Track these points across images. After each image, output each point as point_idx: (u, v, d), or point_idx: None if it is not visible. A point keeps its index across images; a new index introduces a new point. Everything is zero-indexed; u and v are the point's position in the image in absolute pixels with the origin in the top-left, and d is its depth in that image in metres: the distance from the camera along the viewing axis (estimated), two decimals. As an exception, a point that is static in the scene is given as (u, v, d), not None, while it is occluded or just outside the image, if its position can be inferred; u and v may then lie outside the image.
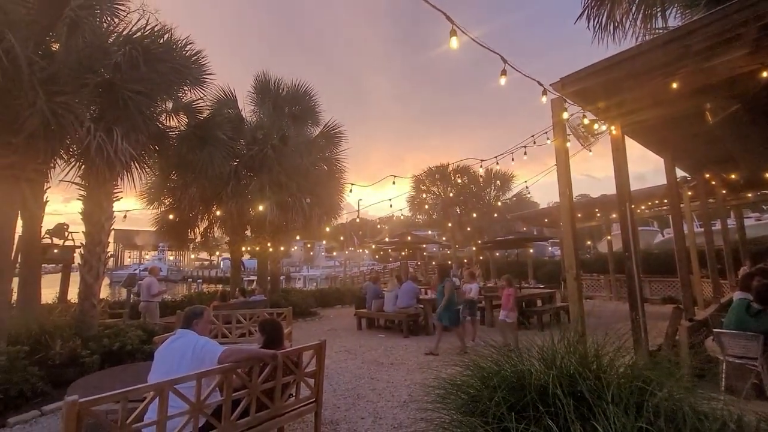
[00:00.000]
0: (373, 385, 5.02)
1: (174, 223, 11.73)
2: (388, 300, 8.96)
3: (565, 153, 4.91)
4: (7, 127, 5.38)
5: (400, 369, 5.76)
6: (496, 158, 6.96)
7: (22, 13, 5.75)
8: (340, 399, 4.51)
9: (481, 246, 16.45)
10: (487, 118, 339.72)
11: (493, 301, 9.59)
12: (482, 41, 3.70)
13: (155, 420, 2.36)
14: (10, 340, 5.07)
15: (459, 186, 21.46)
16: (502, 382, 2.39)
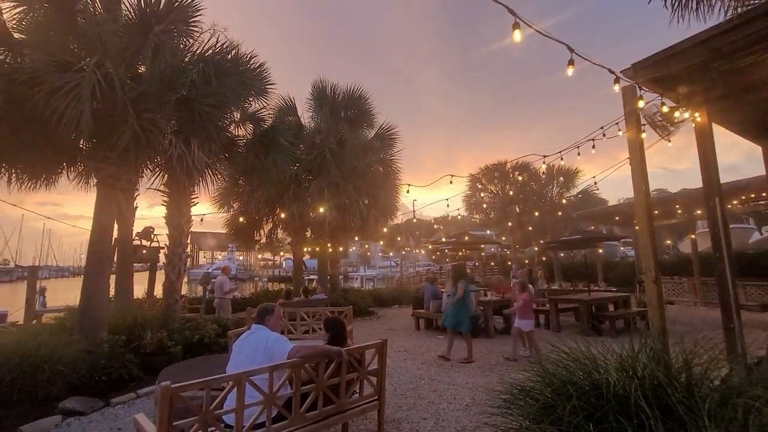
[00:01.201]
0: (434, 386, 4.98)
1: (242, 225, 12.59)
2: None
3: (640, 145, 4.53)
4: (106, 142, 6.11)
5: (461, 371, 5.66)
6: (560, 153, 6.59)
7: (115, 42, 6.51)
8: (401, 399, 4.54)
9: (544, 246, 15.65)
10: (545, 113, 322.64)
11: (558, 305, 9.09)
12: (545, 33, 3.52)
13: (234, 408, 2.55)
14: (110, 330, 5.76)
15: (518, 184, 20.56)
16: (575, 389, 2.26)
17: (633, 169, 4.50)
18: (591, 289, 10.35)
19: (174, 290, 7.10)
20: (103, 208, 6.20)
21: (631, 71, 4.44)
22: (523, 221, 20.83)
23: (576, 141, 6.62)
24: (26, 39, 6.01)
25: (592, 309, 8.67)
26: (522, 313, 6.21)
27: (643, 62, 4.31)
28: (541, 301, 10.65)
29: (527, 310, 6.21)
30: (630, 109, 4.56)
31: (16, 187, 6.56)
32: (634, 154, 4.51)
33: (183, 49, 7.67)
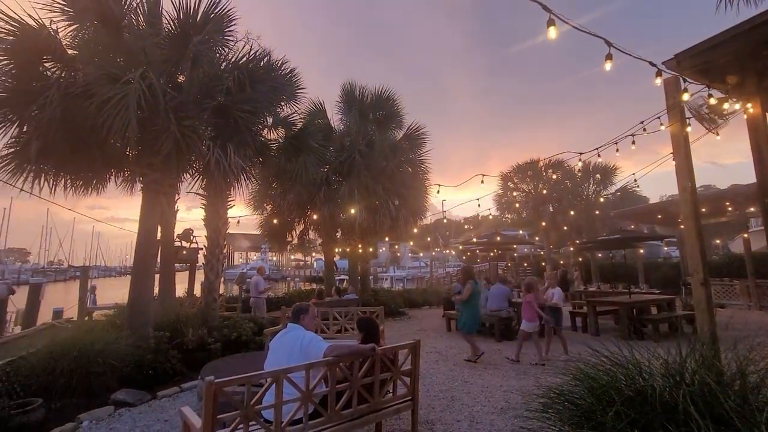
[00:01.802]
0: (467, 388, 4.93)
1: (275, 226, 12.94)
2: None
3: (684, 139, 4.29)
4: (150, 149, 6.46)
5: (495, 374, 5.57)
6: (597, 150, 6.35)
7: (157, 54, 6.87)
8: (434, 400, 4.53)
9: (580, 246, 15.10)
10: (578, 110, 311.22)
11: (597, 308, 8.75)
12: (582, 28, 3.41)
13: (272, 403, 2.64)
14: (155, 327, 6.07)
15: (552, 182, 19.90)
16: (617, 395, 2.18)
17: (677, 165, 4.27)
18: (632, 291, 9.89)
19: (213, 289, 7.40)
20: (148, 212, 6.55)
21: (674, 62, 4.23)
22: (558, 221, 20.17)
23: (614, 137, 6.38)
24: (78, 55, 6.44)
25: (633, 312, 8.28)
26: (526, 314, 6.24)
27: (687, 52, 4.10)
28: (577, 303, 10.29)
29: (530, 311, 6.21)
30: (673, 102, 4.33)
31: (70, 192, 7.06)
32: (678, 148, 4.28)
33: (219, 58, 7.98)
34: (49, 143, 5.81)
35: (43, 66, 6.16)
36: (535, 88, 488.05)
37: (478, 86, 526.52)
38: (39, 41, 5.90)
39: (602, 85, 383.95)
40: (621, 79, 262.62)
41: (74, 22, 6.43)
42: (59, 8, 6.21)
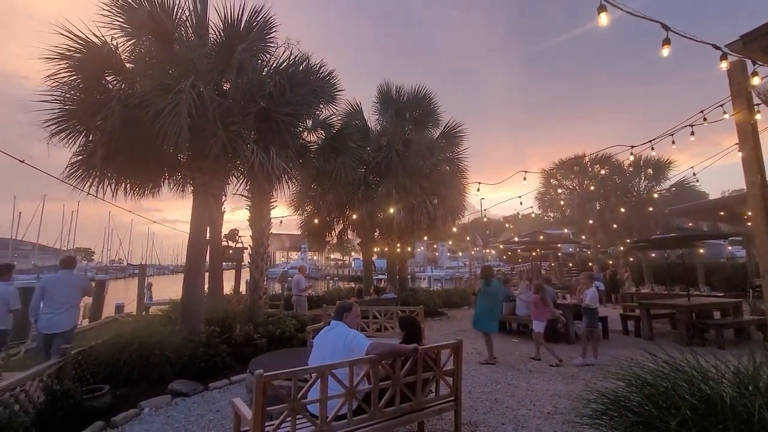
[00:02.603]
0: (511, 391, 4.80)
1: (314, 226, 13.25)
2: (519, 303, 8.46)
3: (753, 129, 3.94)
4: (199, 154, 6.83)
5: (540, 377, 5.38)
6: (650, 142, 5.96)
7: (205, 64, 7.25)
8: (476, 401, 4.45)
9: (631, 246, 14.24)
10: (625, 102, 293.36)
11: (651, 311, 8.22)
12: (637, 12, 3.21)
13: (318, 398, 2.71)
14: (206, 322, 6.41)
15: (599, 178, 18.87)
16: (680, 402, 2.04)
17: (744, 157, 3.93)
18: (691, 294, 9.19)
19: (258, 287, 7.70)
20: (198, 213, 6.93)
21: (740, 44, 3.88)
22: (606, 219, 19.12)
23: (668, 129, 5.96)
24: (135, 68, 6.92)
25: (692, 316, 7.69)
26: (535, 314, 6.50)
27: (756, 32, 3.74)
28: (629, 305, 9.73)
29: (539, 311, 6.44)
30: (738, 88, 3.98)
31: (129, 195, 7.60)
32: (745, 139, 3.93)
33: (261, 65, 8.30)
34: (111, 151, 6.29)
35: (105, 79, 6.67)
36: (578, 80, 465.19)
37: (515, 80, 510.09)
38: (101, 57, 6.41)
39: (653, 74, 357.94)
40: (676, 67, 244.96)
41: (132, 38, 6.91)
42: (119, 26, 6.69)
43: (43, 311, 5.10)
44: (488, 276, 6.63)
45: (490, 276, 6.67)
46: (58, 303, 5.10)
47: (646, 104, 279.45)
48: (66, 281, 5.34)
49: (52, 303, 5.10)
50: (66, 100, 6.25)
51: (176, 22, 7.00)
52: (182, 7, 7.08)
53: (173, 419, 4.09)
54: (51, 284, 5.28)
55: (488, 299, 6.40)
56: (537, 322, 6.42)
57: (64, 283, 5.30)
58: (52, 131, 6.10)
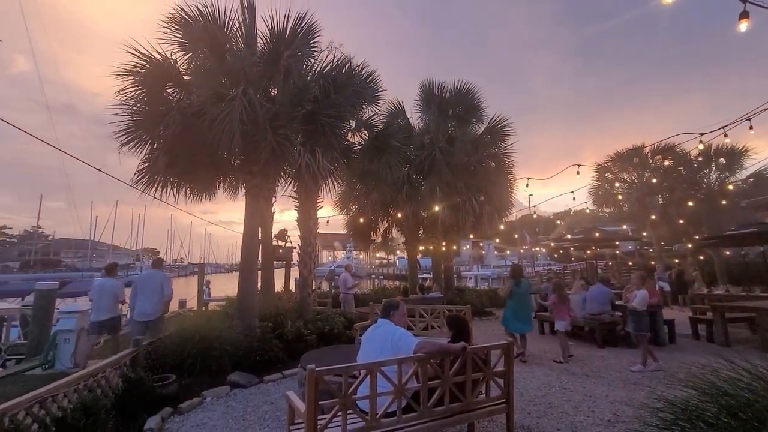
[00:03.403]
0: (567, 396, 4.57)
1: (359, 226, 13.45)
2: (574, 304, 8.03)
3: None
4: (250, 158, 7.17)
5: (599, 382, 5.07)
6: (723, 129, 5.42)
7: (254, 72, 7.59)
8: (529, 405, 4.28)
9: (701, 242, 13.02)
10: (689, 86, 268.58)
11: (726, 314, 7.48)
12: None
13: (367, 394, 2.74)
14: (260, 318, 6.72)
15: (662, 170, 17.38)
16: (766, 415, 1.83)
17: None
18: None
19: (306, 285, 7.95)
20: (250, 215, 7.27)
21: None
22: (670, 213, 17.63)
23: (746, 113, 5.38)
24: (192, 79, 7.39)
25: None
26: (557, 314, 6.59)
27: None
28: (700, 308, 8.92)
29: (560, 310, 6.54)
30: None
31: (189, 198, 8.14)
32: None
33: (306, 69, 8.55)
34: (173, 158, 6.78)
35: (166, 92, 7.20)
36: (633, 66, 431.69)
37: (565, 70, 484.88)
38: (163, 71, 6.92)
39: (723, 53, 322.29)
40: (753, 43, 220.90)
41: (188, 51, 7.38)
42: (176, 40, 7.18)
43: (137, 303, 6.26)
44: (518, 276, 6.64)
45: (519, 276, 6.67)
46: (147, 296, 6.25)
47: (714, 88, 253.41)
48: (153, 278, 6.44)
49: (143, 296, 6.26)
50: (133, 113, 6.82)
51: (228, 34, 7.39)
52: (233, 20, 7.46)
53: (232, 409, 4.33)
54: (142, 280, 6.53)
55: (518, 299, 6.41)
56: (559, 322, 6.45)
57: (152, 279, 6.43)
58: (122, 141, 6.68)
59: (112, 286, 6.42)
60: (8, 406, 2.88)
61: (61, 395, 3.43)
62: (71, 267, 37.44)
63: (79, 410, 3.28)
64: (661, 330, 7.33)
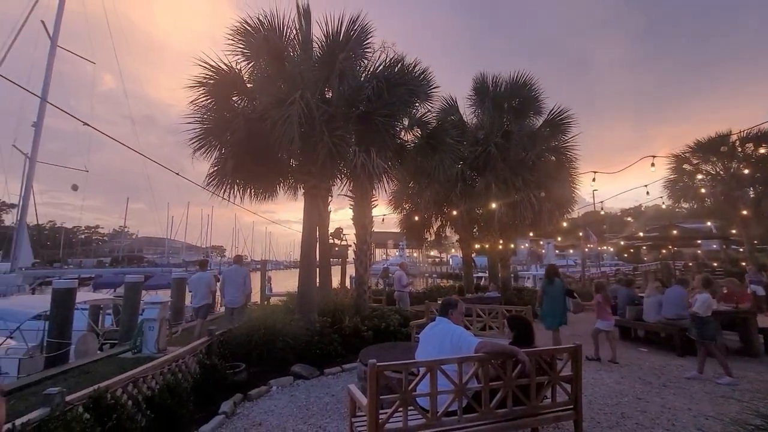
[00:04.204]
0: (642, 406, 4.22)
1: (413, 224, 13.44)
2: (648, 307, 7.41)
3: None
4: (308, 159, 7.46)
5: (680, 394, 4.63)
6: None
7: (311, 76, 7.88)
8: (598, 414, 4.02)
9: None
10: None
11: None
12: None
13: (428, 392, 2.74)
14: (319, 313, 6.98)
15: (754, 159, 15.35)
16: None
17: None
18: None
19: (362, 282, 8.11)
20: (309, 214, 7.57)
21: None
22: (763, 208, 15.56)
23: None
24: (253, 86, 7.84)
25: None
26: (599, 314, 6.51)
27: None
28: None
29: (603, 310, 6.48)
30: None
31: (253, 199, 8.64)
32: None
33: (359, 71, 8.70)
34: (239, 161, 7.24)
35: (232, 99, 7.71)
36: (712, 46, 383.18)
37: (632, 53, 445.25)
38: (229, 80, 7.42)
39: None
40: None
41: (250, 60, 7.84)
42: (240, 51, 7.65)
43: (226, 292, 7.53)
44: (552, 275, 6.93)
45: (554, 275, 6.95)
46: (234, 287, 7.46)
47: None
48: (237, 272, 7.76)
49: (230, 287, 7.48)
50: (204, 121, 7.38)
51: (285, 41, 7.75)
52: (290, 27, 7.81)
53: (296, 398, 4.55)
54: (228, 274, 7.81)
55: (552, 297, 6.71)
56: (601, 322, 6.44)
57: (236, 273, 7.72)
58: (194, 147, 7.27)
59: (207, 279, 7.65)
60: (109, 383, 3.27)
61: (149, 377, 3.82)
62: (152, 263, 41.50)
63: (165, 391, 3.63)
64: (756, 339, 6.52)
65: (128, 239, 63.89)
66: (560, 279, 7.04)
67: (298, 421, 3.95)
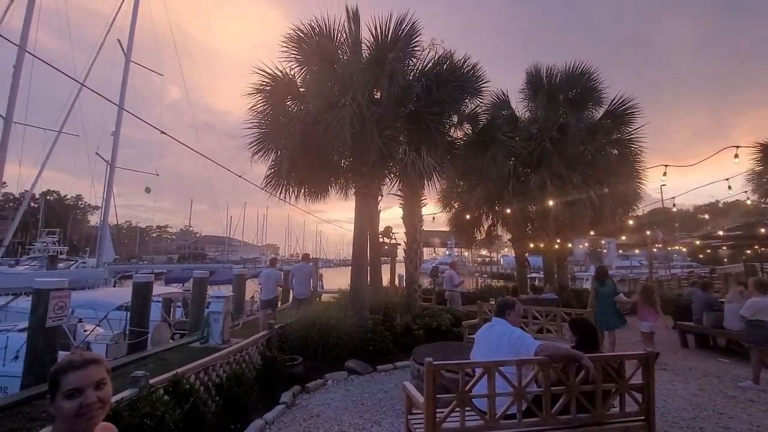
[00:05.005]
0: (725, 422, 3.84)
1: (462, 223, 13.20)
2: (730, 314, 6.68)
3: None
4: (360, 159, 7.60)
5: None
6: None
7: (361, 77, 8.01)
8: (673, 427, 3.71)
9: None
10: None
11: None
12: None
13: (485, 393, 2.69)
14: (370, 311, 7.09)
15: None
16: None
17: None
18: None
19: (413, 280, 8.13)
20: (360, 213, 7.71)
21: None
22: None
23: None
24: (306, 90, 8.11)
25: None
26: (640, 315, 6.49)
27: None
28: None
29: (643, 311, 6.42)
30: None
31: (306, 199, 8.96)
32: None
33: (408, 70, 8.70)
34: (293, 163, 7.54)
35: (286, 104, 8.05)
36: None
37: (703, 34, 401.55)
38: (284, 86, 7.76)
39: None
40: None
41: (303, 66, 8.12)
42: (294, 57, 7.96)
43: (295, 286, 8.48)
44: (603, 276, 6.98)
45: (604, 276, 6.99)
46: (301, 281, 8.37)
47: None
48: (303, 269, 8.62)
49: (298, 281, 8.39)
50: (261, 125, 7.78)
51: (336, 44, 7.94)
52: (340, 31, 7.98)
53: (351, 393, 4.67)
54: (296, 270, 8.69)
55: (603, 299, 6.66)
56: (643, 323, 6.40)
57: (303, 269, 8.59)
58: (253, 151, 7.69)
59: (275, 274, 8.48)
60: (185, 370, 3.57)
61: (218, 365, 4.12)
62: (214, 260, 44.53)
63: (232, 379, 3.89)
64: None
65: (193, 238, 68.99)
66: (611, 280, 7.06)
67: (354, 415, 4.05)
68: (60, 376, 1.08)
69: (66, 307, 5.19)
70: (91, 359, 1.13)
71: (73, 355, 1.13)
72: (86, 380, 1.07)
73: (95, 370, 1.11)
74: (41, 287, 4.96)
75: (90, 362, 1.11)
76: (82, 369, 1.09)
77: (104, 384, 1.12)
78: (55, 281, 5.14)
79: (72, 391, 1.05)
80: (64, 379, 1.07)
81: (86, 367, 1.10)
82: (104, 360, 1.17)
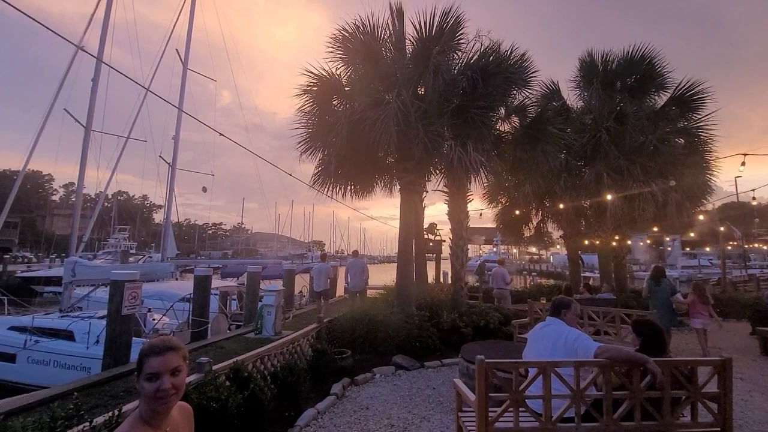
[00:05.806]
0: (816, 440, 3.44)
1: (510, 219, 12.79)
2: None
3: None
4: (404, 155, 7.60)
5: None
6: None
7: (405, 74, 7.99)
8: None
9: None
10: None
11: None
12: None
13: (541, 395, 2.60)
14: (416, 307, 7.09)
15: None
16: None
17: None
18: None
19: (459, 278, 8.02)
20: (405, 209, 7.73)
21: None
22: None
23: None
24: (351, 89, 8.22)
25: None
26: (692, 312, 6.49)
27: None
28: None
29: (694, 308, 6.45)
30: None
31: (352, 197, 9.11)
32: None
33: (453, 64, 8.55)
34: (340, 161, 7.70)
35: (332, 104, 8.22)
36: None
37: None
38: (330, 86, 7.92)
39: None
40: None
41: (348, 65, 8.25)
42: (339, 57, 8.10)
43: (349, 279, 8.79)
44: (659, 276, 6.80)
45: (661, 276, 6.82)
46: (355, 275, 8.70)
47: None
48: (357, 264, 8.93)
49: (352, 275, 8.72)
50: (308, 125, 8.01)
51: (380, 42, 7.98)
52: (383, 28, 8.01)
53: (399, 388, 4.72)
54: (350, 265, 9.01)
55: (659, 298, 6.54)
56: (695, 320, 6.46)
57: (357, 264, 8.91)
58: (301, 150, 7.94)
59: (326, 268, 9.11)
60: (243, 358, 3.79)
61: (272, 355, 4.32)
62: (264, 255, 46.69)
63: (286, 369, 4.07)
64: None
65: (245, 234, 72.65)
66: (667, 279, 6.92)
67: (402, 409, 4.08)
68: (144, 358, 1.17)
69: (138, 297, 5.68)
70: (170, 346, 1.20)
71: (157, 339, 1.24)
72: (163, 366, 1.15)
73: (173, 357, 1.18)
74: (118, 278, 5.46)
75: (169, 348, 1.19)
76: (161, 355, 1.16)
77: (179, 371, 1.19)
78: (129, 273, 5.64)
79: (150, 375, 1.14)
80: (147, 362, 1.16)
81: (165, 354, 1.17)
82: (183, 347, 1.24)
